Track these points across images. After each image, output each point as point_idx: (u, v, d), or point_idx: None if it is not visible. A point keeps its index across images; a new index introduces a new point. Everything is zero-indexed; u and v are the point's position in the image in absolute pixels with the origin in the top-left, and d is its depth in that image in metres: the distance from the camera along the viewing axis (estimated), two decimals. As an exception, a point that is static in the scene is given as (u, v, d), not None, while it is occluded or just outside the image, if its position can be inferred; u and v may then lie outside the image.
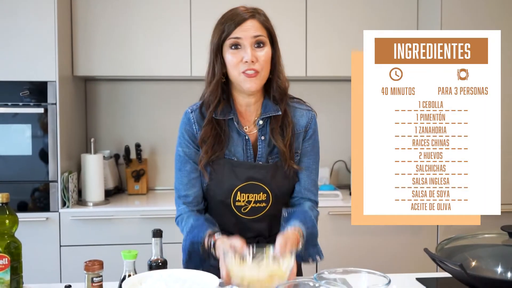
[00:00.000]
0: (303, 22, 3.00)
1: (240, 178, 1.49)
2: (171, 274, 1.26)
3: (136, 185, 3.10)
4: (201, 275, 1.27)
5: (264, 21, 1.47)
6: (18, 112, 2.64)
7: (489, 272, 1.36)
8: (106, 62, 2.91)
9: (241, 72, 1.44)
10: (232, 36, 1.43)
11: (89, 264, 1.26)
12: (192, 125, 1.53)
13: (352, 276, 1.26)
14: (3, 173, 2.65)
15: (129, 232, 2.70)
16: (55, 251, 2.66)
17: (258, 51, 1.44)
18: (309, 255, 1.52)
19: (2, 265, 1.25)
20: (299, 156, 1.56)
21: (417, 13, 3.05)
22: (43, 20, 2.63)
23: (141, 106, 3.26)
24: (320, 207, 2.81)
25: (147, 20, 2.92)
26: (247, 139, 1.52)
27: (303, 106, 1.59)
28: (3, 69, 2.63)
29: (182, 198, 1.56)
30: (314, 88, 3.31)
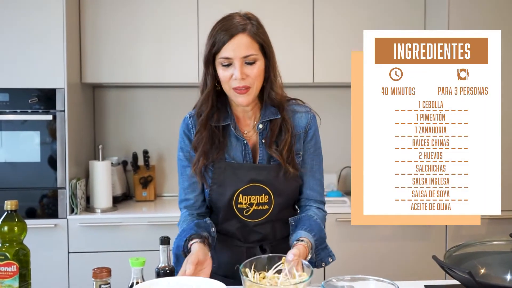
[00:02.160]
0: (310, 28, 3.02)
1: (242, 180, 1.50)
2: (178, 282, 1.26)
3: (144, 191, 3.12)
4: (208, 282, 1.27)
5: (255, 34, 1.44)
6: (27, 119, 2.68)
7: (498, 279, 1.34)
8: (114, 69, 2.95)
9: (232, 87, 1.44)
10: (223, 56, 1.42)
11: (97, 272, 1.26)
12: (191, 130, 1.54)
13: (360, 284, 1.26)
14: (12, 179, 2.68)
15: (137, 238, 2.71)
16: (63, 258, 2.68)
17: (249, 68, 1.43)
18: (321, 259, 1.51)
19: (11, 272, 1.27)
20: (301, 157, 1.56)
21: (424, 16, 3.06)
22: (52, 28, 2.68)
23: (149, 112, 3.29)
24: (328, 214, 2.81)
25: (154, 27, 2.95)
26: (246, 143, 1.52)
27: (302, 108, 1.58)
28: (12, 77, 2.67)
29: (183, 202, 1.58)
30: (321, 94, 3.32)
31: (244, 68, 1.42)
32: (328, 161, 1.61)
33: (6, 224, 1.30)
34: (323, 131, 1.66)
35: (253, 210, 1.52)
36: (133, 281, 1.28)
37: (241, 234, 1.55)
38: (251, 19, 1.46)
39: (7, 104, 2.67)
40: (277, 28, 2.92)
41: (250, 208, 1.51)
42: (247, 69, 1.42)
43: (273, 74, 1.49)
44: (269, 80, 1.49)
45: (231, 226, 1.55)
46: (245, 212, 1.52)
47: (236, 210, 1.51)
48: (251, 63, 1.43)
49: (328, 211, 2.23)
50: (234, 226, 1.54)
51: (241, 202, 1.51)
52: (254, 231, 1.55)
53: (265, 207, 1.52)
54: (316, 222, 1.52)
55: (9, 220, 1.30)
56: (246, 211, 1.52)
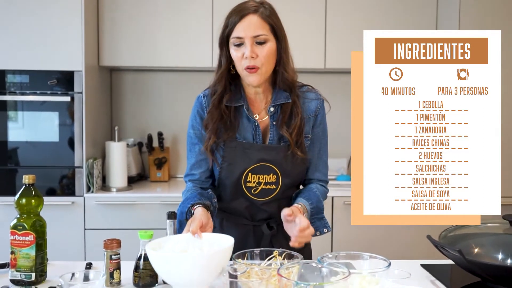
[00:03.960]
0: (322, 14, 3.02)
1: (252, 159, 1.54)
2: (187, 238, 1.34)
3: (158, 172, 3.20)
4: (216, 236, 1.34)
5: (267, 17, 1.49)
6: (46, 100, 2.77)
7: (489, 258, 1.39)
8: (131, 53, 3.01)
9: (244, 68, 1.50)
10: (234, 36, 1.49)
11: (107, 243, 1.36)
12: (204, 109, 1.59)
13: (355, 259, 1.31)
14: (32, 158, 2.79)
15: (150, 217, 2.80)
16: (80, 234, 2.79)
17: (259, 47, 1.48)
18: (316, 228, 1.57)
19: (28, 242, 1.36)
20: (309, 140, 1.60)
21: (437, 12, 3.04)
22: (71, 12, 2.74)
23: (164, 96, 3.35)
24: (336, 196, 2.84)
25: (170, 12, 2.99)
26: (257, 125, 1.57)
27: (312, 95, 1.62)
28: (32, 59, 2.75)
29: (188, 176, 1.65)
30: (332, 79, 3.33)
31: (255, 48, 1.48)
32: (338, 146, 1.63)
33: (24, 197, 1.38)
34: (334, 116, 1.68)
35: (261, 189, 1.56)
36: (141, 253, 1.37)
37: (249, 213, 1.60)
38: (264, 4, 1.52)
39: (27, 85, 2.76)
40: (289, 14, 2.93)
41: (258, 187, 1.56)
42: (258, 49, 1.48)
43: (285, 57, 1.54)
44: (281, 63, 1.53)
45: (239, 205, 1.60)
46: (253, 191, 1.56)
47: (244, 189, 1.56)
48: (261, 42, 1.48)
49: (337, 194, 2.29)
50: (242, 204, 1.59)
51: (250, 181, 1.55)
52: (261, 209, 1.59)
53: (273, 186, 1.57)
54: (315, 194, 1.58)
55: (27, 193, 1.38)
56: (254, 189, 1.56)
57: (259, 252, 1.35)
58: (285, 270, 1.16)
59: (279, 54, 1.53)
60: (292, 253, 1.32)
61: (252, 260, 1.33)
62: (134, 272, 1.37)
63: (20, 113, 2.79)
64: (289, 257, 1.31)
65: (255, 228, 1.61)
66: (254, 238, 1.60)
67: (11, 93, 2.76)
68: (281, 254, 1.33)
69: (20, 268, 1.36)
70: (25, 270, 1.36)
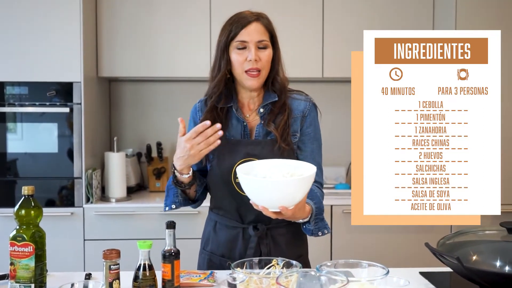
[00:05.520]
0: (319, 23, 3.04)
1: (239, 154, 1.58)
2: (274, 164, 1.41)
3: (157, 182, 3.19)
4: (300, 164, 1.41)
5: (267, 24, 1.60)
6: (45, 111, 2.76)
7: (487, 266, 1.37)
8: (130, 64, 3.02)
9: (245, 70, 1.56)
10: (239, 39, 1.56)
11: (107, 253, 1.34)
12: (197, 112, 1.68)
13: (353, 267, 1.30)
14: (31, 169, 2.78)
15: (150, 226, 2.79)
16: (79, 244, 2.77)
17: (261, 52, 1.57)
18: (318, 228, 1.57)
19: (27, 253, 1.34)
20: (297, 138, 1.63)
21: (433, 13, 3.06)
22: (69, 23, 2.75)
23: (163, 106, 3.36)
24: (335, 205, 2.83)
25: (169, 22, 3.01)
26: (245, 124, 1.62)
27: (302, 97, 1.68)
28: (31, 71, 2.76)
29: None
30: (330, 88, 3.33)
31: (258, 52, 1.56)
32: (337, 154, 1.64)
33: (23, 208, 1.37)
34: (332, 124, 1.69)
35: None
36: (140, 263, 1.36)
37: (238, 214, 1.61)
38: (262, 14, 1.62)
39: (26, 97, 2.76)
40: (287, 23, 2.96)
41: None
42: (260, 53, 1.57)
43: (278, 64, 1.64)
44: (275, 70, 1.62)
45: (229, 205, 1.61)
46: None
47: (234, 184, 1.57)
48: (263, 48, 1.57)
49: (336, 203, 2.28)
50: (233, 205, 1.61)
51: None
52: (250, 210, 1.55)
53: None
54: (316, 194, 1.59)
55: (26, 204, 1.37)
56: None
57: (258, 261, 1.35)
58: (284, 278, 1.16)
59: (274, 61, 1.61)
60: (291, 262, 1.32)
61: (251, 269, 1.33)
62: (134, 282, 1.36)
63: (19, 124, 2.79)
64: (288, 266, 1.31)
65: (244, 230, 1.63)
66: (243, 241, 1.62)
67: (10, 104, 2.76)
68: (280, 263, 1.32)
69: (19, 279, 1.34)
70: (25, 281, 1.34)
